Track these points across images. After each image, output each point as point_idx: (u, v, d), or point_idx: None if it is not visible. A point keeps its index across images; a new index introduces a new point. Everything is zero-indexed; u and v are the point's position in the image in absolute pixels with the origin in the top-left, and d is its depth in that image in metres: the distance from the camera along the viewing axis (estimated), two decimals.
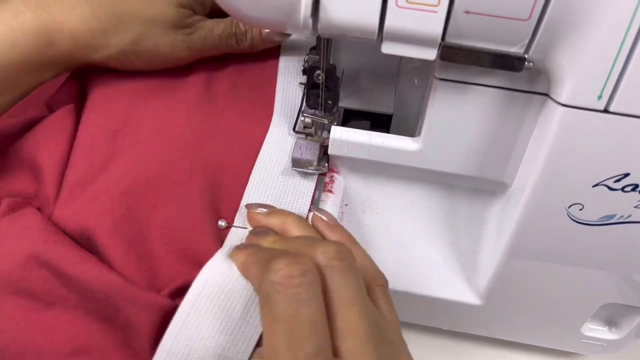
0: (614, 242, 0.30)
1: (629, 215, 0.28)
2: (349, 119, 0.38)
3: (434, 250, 0.36)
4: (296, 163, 0.33)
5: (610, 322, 0.37)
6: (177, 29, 0.34)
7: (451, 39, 0.25)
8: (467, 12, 0.23)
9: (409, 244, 0.36)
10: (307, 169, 0.33)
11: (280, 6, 0.25)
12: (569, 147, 0.26)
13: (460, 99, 0.28)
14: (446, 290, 0.36)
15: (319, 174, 0.34)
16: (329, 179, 0.35)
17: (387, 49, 0.25)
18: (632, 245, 0.30)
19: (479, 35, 0.24)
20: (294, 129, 0.35)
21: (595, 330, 0.37)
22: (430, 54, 0.25)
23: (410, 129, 0.36)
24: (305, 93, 0.35)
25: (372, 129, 0.34)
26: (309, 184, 0.33)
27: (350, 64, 0.36)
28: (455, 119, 0.29)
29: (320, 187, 0.34)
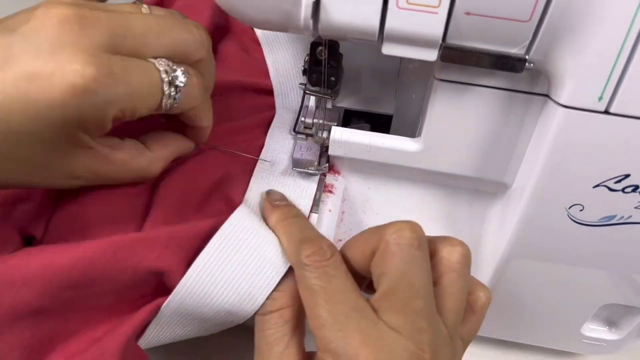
0: (614, 242, 0.30)
1: (630, 216, 0.28)
2: (349, 120, 0.38)
3: None
4: (297, 163, 0.33)
5: (611, 322, 0.37)
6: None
7: (452, 40, 0.25)
8: (467, 13, 0.23)
9: None
10: (307, 169, 0.33)
11: (280, 7, 0.25)
12: (569, 148, 0.26)
13: (461, 100, 0.28)
14: None
15: (320, 175, 0.34)
16: (329, 179, 0.35)
17: (388, 50, 0.25)
18: (632, 246, 0.30)
19: (480, 37, 0.24)
20: (294, 130, 0.35)
21: (595, 331, 0.37)
22: (431, 55, 0.25)
23: (410, 130, 0.36)
24: (304, 96, 0.35)
25: (372, 130, 0.34)
26: (311, 185, 0.33)
27: (351, 65, 0.36)
28: (456, 119, 0.29)
29: (321, 188, 0.34)
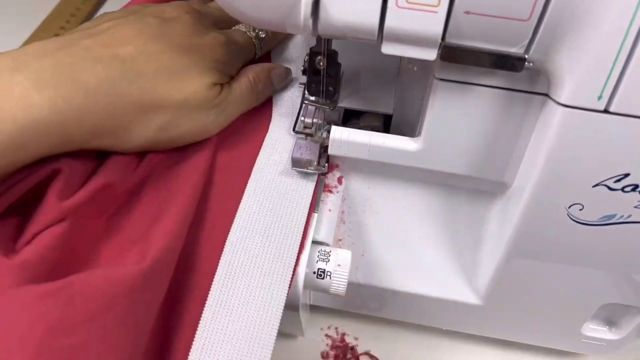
0: (614, 242, 0.30)
1: (629, 215, 0.28)
2: (349, 119, 0.38)
3: (434, 250, 0.36)
4: (296, 163, 0.33)
5: (610, 322, 0.37)
6: (208, 109, 0.32)
7: (451, 39, 0.25)
8: (467, 13, 0.23)
9: (409, 244, 0.36)
10: (307, 169, 0.33)
11: (280, 6, 0.25)
12: (569, 148, 0.26)
13: (460, 99, 0.28)
14: (446, 290, 0.36)
15: (319, 174, 0.34)
16: (329, 179, 0.35)
17: (387, 49, 0.25)
18: (632, 245, 0.30)
19: (479, 36, 0.24)
20: (293, 129, 0.35)
21: (595, 330, 0.37)
22: (431, 54, 0.25)
23: (410, 129, 0.36)
24: (304, 95, 0.35)
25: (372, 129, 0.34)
26: (309, 184, 0.33)
27: (350, 64, 0.36)
28: (455, 119, 0.29)
29: (320, 187, 0.34)
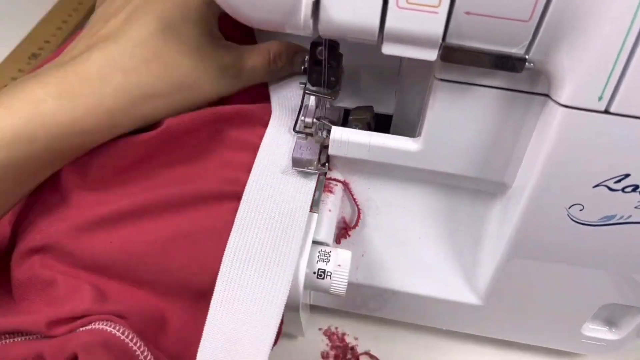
0: (614, 242, 0.30)
1: (629, 216, 0.28)
2: (348, 120, 0.38)
3: (434, 251, 0.36)
4: (296, 163, 0.33)
5: (611, 322, 0.37)
6: (223, 75, 0.32)
7: (452, 40, 0.25)
8: (467, 13, 0.23)
9: (409, 244, 0.36)
10: (307, 168, 0.33)
11: (280, 6, 0.25)
12: (569, 148, 0.26)
13: (461, 100, 0.28)
14: (446, 290, 0.36)
15: (320, 174, 0.34)
16: (329, 179, 0.35)
17: (388, 49, 0.25)
18: (632, 245, 0.30)
19: (480, 36, 0.24)
20: (294, 129, 0.35)
21: (596, 331, 0.37)
22: (431, 55, 0.25)
23: (410, 130, 0.36)
24: (304, 95, 0.35)
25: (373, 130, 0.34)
26: (309, 184, 0.33)
27: (351, 64, 0.36)
28: (456, 119, 0.29)
29: (321, 188, 0.34)
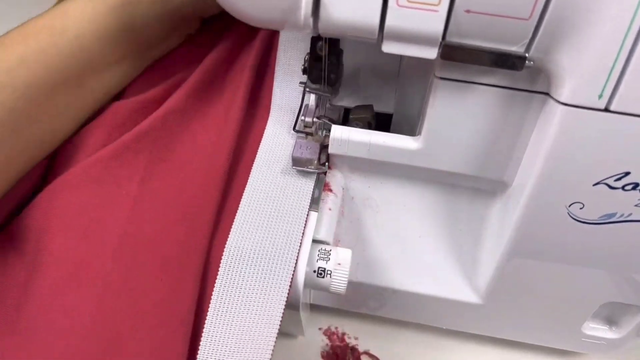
0: (615, 240, 0.30)
1: (630, 214, 0.28)
2: (349, 118, 0.38)
3: (434, 249, 0.36)
4: (296, 162, 0.33)
5: (611, 321, 0.37)
6: None
7: (452, 38, 0.25)
8: (467, 11, 0.23)
9: (409, 242, 0.36)
10: (307, 167, 0.33)
11: (280, 5, 0.25)
12: (569, 146, 0.26)
13: (461, 98, 0.28)
14: (446, 289, 0.36)
15: (319, 173, 0.34)
16: (329, 178, 0.35)
17: (388, 48, 0.25)
18: (632, 244, 0.30)
19: (480, 34, 0.24)
20: (294, 128, 0.35)
21: (596, 329, 0.37)
22: (431, 53, 0.25)
23: (410, 128, 0.36)
24: (304, 95, 0.35)
25: (373, 128, 0.34)
26: (309, 183, 0.33)
27: (351, 63, 0.36)
28: (456, 118, 0.29)
29: (320, 186, 0.34)
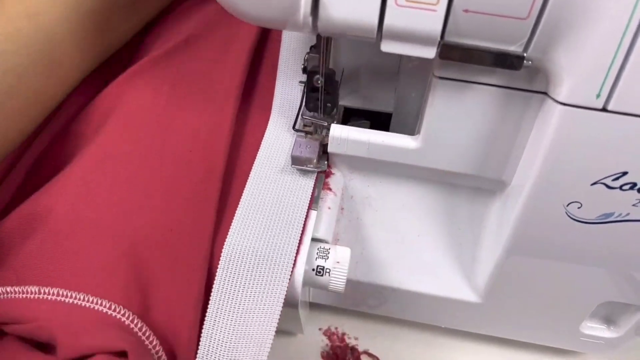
0: (612, 240, 0.30)
1: (627, 214, 0.28)
2: (349, 118, 0.38)
3: (433, 248, 0.36)
4: (296, 161, 0.34)
5: (609, 320, 0.37)
6: None
7: (450, 38, 0.25)
8: (466, 11, 0.23)
9: (408, 241, 0.36)
10: (306, 166, 0.34)
11: (280, 4, 0.25)
12: (567, 146, 0.26)
13: (460, 98, 0.28)
14: (445, 288, 0.36)
15: (319, 172, 0.34)
16: (329, 177, 0.35)
17: (387, 47, 0.26)
18: (630, 243, 0.30)
19: (478, 34, 0.24)
20: (293, 127, 0.35)
21: (594, 329, 0.37)
22: (430, 53, 0.25)
23: (410, 128, 0.36)
24: (304, 94, 0.35)
25: (372, 128, 0.35)
26: (308, 182, 0.33)
27: (350, 63, 0.36)
28: (455, 117, 0.29)
29: (320, 185, 0.34)
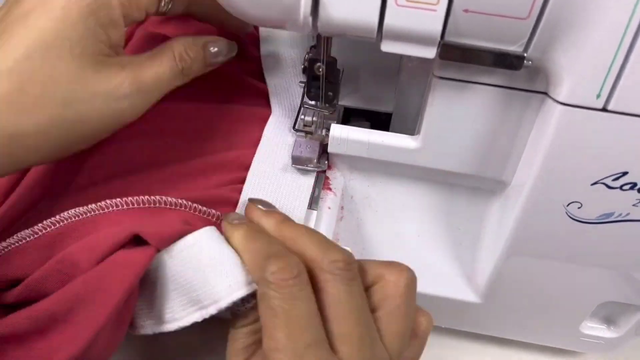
0: (613, 240, 0.30)
1: (627, 214, 0.28)
2: (349, 118, 0.38)
3: (433, 248, 0.36)
4: (296, 160, 0.34)
5: (609, 320, 0.37)
6: (116, 100, 0.27)
7: (450, 38, 0.25)
8: (466, 11, 0.23)
9: (408, 241, 0.36)
10: (307, 166, 0.34)
11: (280, 4, 0.25)
12: (567, 146, 0.26)
13: (460, 98, 0.28)
14: (445, 288, 0.36)
15: (319, 172, 0.34)
16: (328, 177, 0.35)
17: (387, 47, 0.26)
18: (630, 243, 0.30)
19: (478, 34, 0.24)
20: (293, 127, 0.35)
21: (594, 329, 0.37)
22: (430, 53, 0.25)
23: (410, 128, 0.36)
24: (304, 94, 0.35)
25: (372, 128, 0.35)
26: (308, 181, 0.33)
27: (350, 63, 0.36)
28: (455, 117, 0.29)
29: (320, 185, 0.34)
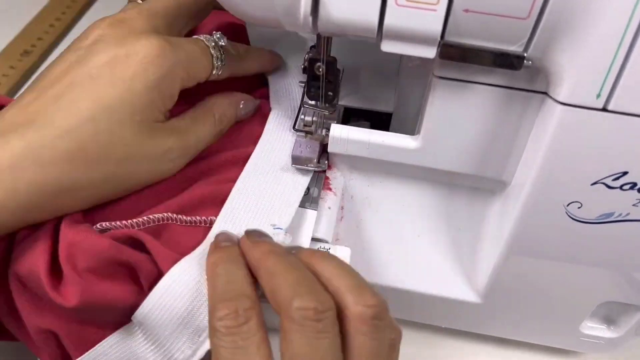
0: (613, 240, 0.30)
1: (627, 214, 0.28)
2: (349, 118, 0.38)
3: (433, 248, 0.36)
4: (296, 160, 0.34)
5: (609, 320, 0.37)
6: (163, 160, 0.30)
7: (450, 38, 0.25)
8: (466, 11, 0.23)
9: (408, 241, 0.36)
10: (307, 166, 0.34)
11: (280, 4, 0.25)
12: (567, 146, 0.26)
13: (460, 97, 0.28)
14: (445, 288, 0.36)
15: (319, 172, 0.34)
16: (329, 176, 0.35)
17: (387, 47, 0.26)
18: (630, 243, 0.30)
19: (478, 34, 0.24)
20: (293, 127, 0.35)
21: (594, 329, 0.37)
22: (430, 52, 0.25)
23: (410, 127, 0.36)
24: (304, 94, 0.35)
25: (372, 127, 0.35)
26: (305, 180, 0.33)
27: (350, 63, 0.36)
28: (455, 117, 0.29)
29: (320, 185, 0.34)
